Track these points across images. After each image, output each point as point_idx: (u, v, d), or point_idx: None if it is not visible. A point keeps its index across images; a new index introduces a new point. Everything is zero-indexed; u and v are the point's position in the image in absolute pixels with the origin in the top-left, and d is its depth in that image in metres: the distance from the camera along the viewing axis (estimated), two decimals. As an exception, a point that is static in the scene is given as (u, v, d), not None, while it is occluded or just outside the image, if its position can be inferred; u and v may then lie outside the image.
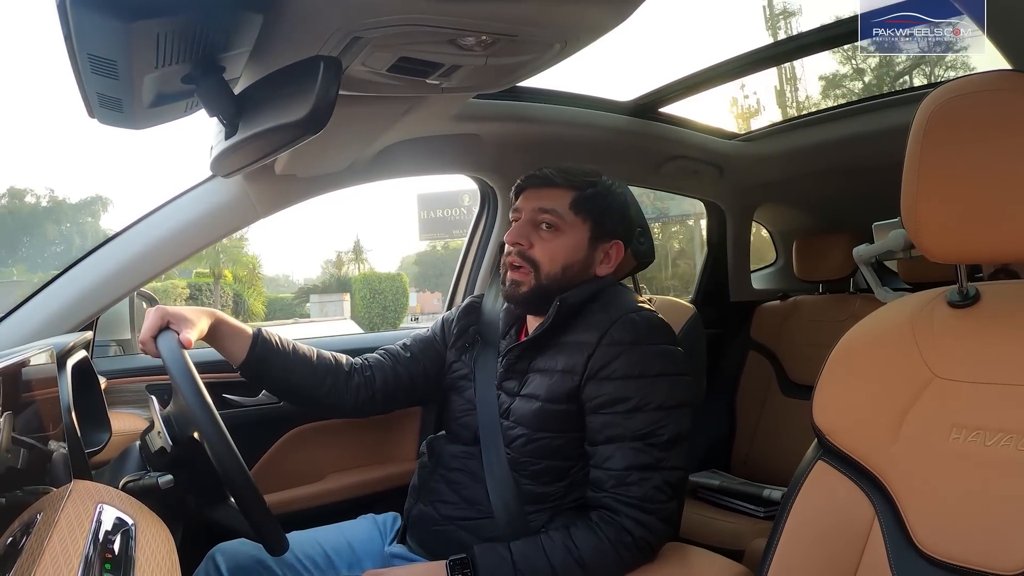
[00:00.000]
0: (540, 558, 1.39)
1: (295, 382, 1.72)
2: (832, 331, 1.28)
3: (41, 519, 0.88)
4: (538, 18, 1.27)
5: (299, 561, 1.63)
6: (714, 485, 2.83)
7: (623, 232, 1.68)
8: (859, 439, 1.12)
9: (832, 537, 1.11)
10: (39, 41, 68.13)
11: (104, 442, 1.56)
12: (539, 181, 1.64)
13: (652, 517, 1.40)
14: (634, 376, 1.46)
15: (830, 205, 3.54)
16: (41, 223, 32.67)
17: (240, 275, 32.19)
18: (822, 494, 1.14)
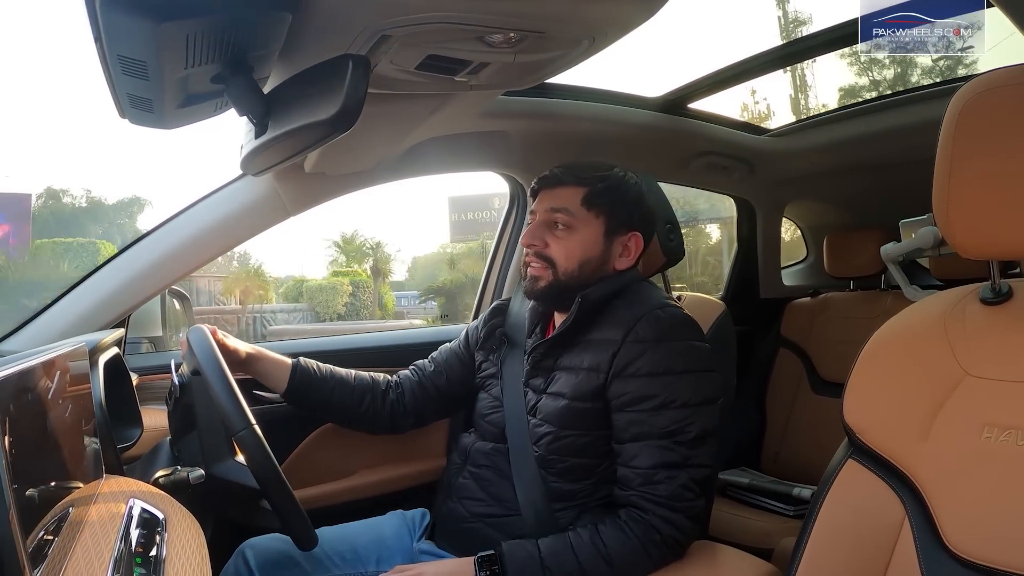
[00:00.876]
0: (568, 555, 1.39)
1: (335, 405, 1.81)
2: (863, 328, 1.27)
3: (73, 513, 0.89)
4: (566, 14, 1.27)
5: (328, 556, 1.64)
6: (743, 483, 2.82)
7: (640, 223, 1.66)
8: (890, 437, 1.10)
9: (862, 536, 1.09)
10: (69, 41, 68.39)
11: (136, 438, 1.58)
12: (550, 181, 1.65)
13: (680, 515, 1.39)
14: (659, 373, 1.45)
15: (861, 201, 3.50)
16: (82, 223, 33.00)
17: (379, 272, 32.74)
18: (852, 493, 1.13)
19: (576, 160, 1.69)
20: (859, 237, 3.06)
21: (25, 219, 30.36)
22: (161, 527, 1.04)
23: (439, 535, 1.70)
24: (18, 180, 59.18)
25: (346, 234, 32.73)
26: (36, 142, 60.49)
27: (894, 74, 25.00)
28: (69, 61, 65.62)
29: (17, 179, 60.49)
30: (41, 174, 60.35)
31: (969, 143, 1.04)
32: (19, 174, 61.18)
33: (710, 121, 2.78)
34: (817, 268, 3.63)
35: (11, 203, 30.56)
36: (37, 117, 63.75)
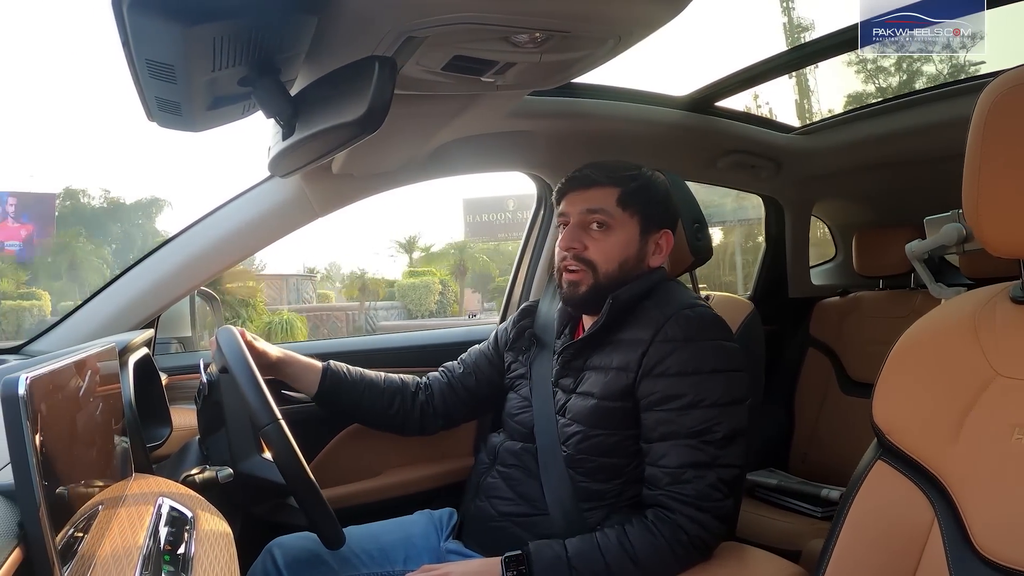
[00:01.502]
0: (595, 556, 1.38)
1: (365, 407, 1.84)
2: (893, 328, 1.26)
3: (102, 511, 0.90)
4: (592, 14, 1.26)
5: (355, 555, 1.65)
6: (772, 484, 2.80)
7: (670, 221, 1.67)
8: (919, 438, 1.09)
9: (890, 539, 1.08)
10: (89, 42, 69.22)
11: (165, 437, 1.59)
12: (583, 182, 1.64)
13: (707, 515, 1.39)
14: (688, 373, 1.45)
15: (890, 198, 3.46)
16: (103, 223, 33.38)
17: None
18: (881, 495, 1.12)
19: (602, 160, 1.68)
20: (888, 235, 3.03)
21: (50, 219, 31.07)
22: (189, 525, 1.05)
23: (467, 534, 1.71)
24: (41, 180, 59.75)
25: (409, 237, 32.97)
26: (56, 142, 61.06)
27: (899, 81, 24.84)
28: (90, 62, 66.26)
29: (41, 179, 61.03)
30: (60, 174, 61.03)
31: (998, 139, 1.02)
32: (41, 174, 61.85)
33: (737, 119, 2.77)
34: (846, 267, 3.60)
35: (36, 203, 31.22)
36: (58, 117, 64.34)
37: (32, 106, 62.57)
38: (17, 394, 0.69)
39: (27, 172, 66.79)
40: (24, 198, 31.41)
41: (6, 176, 61.98)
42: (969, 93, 2.45)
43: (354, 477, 2.24)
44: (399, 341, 2.58)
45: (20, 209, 30.86)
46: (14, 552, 0.68)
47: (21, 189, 33.10)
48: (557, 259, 1.65)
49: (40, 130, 62.20)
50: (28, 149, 57.53)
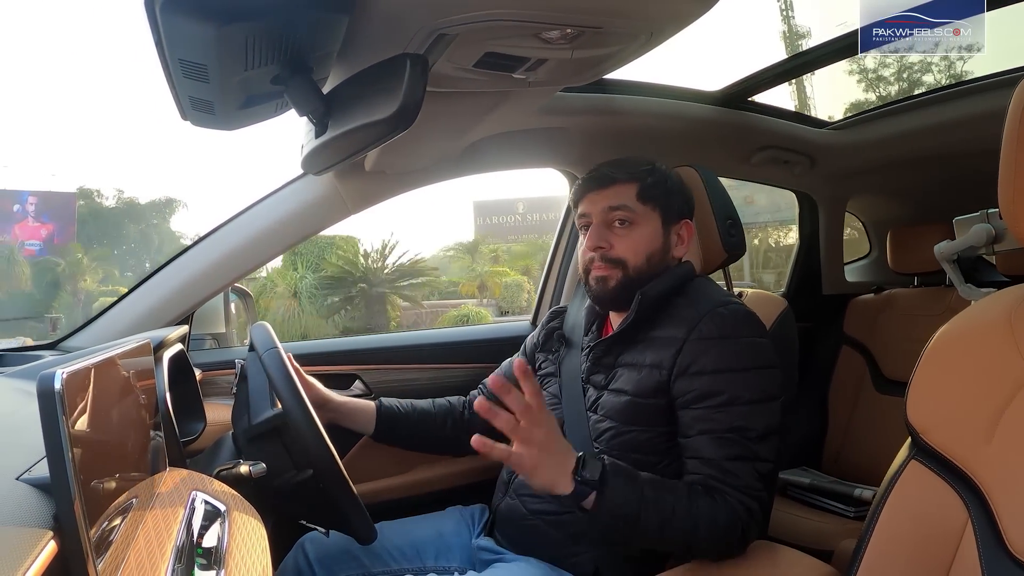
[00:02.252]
0: (666, 499, 1.32)
1: (421, 435, 1.89)
2: (927, 325, 1.23)
3: (136, 504, 0.92)
4: (623, 9, 1.26)
5: (386, 551, 1.66)
6: (804, 483, 2.77)
7: (688, 211, 1.68)
8: (953, 438, 1.07)
9: (924, 540, 1.07)
10: (106, 42, 69.74)
11: (199, 432, 1.61)
12: (601, 181, 1.64)
13: (756, 504, 1.37)
14: (723, 370, 1.44)
15: (925, 194, 3.42)
16: (120, 223, 33.53)
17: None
18: (914, 495, 1.10)
19: (615, 159, 1.68)
20: (923, 232, 2.98)
21: (70, 219, 31.06)
22: (222, 519, 1.06)
23: (498, 531, 1.71)
24: (63, 179, 60.10)
25: (468, 240, 33.06)
26: (76, 140, 61.41)
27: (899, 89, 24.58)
28: (109, 60, 66.51)
29: (63, 178, 61.33)
30: (79, 173, 61.39)
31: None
32: (63, 173, 62.22)
33: (770, 115, 2.75)
34: (880, 264, 3.57)
35: (57, 202, 31.30)
36: (79, 115, 64.72)
37: (53, 104, 63.02)
38: (53, 389, 0.70)
39: (49, 171, 66.92)
40: (45, 197, 31.57)
41: (28, 174, 62.24)
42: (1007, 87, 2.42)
43: (386, 473, 2.25)
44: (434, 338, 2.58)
45: (41, 208, 31.00)
46: (49, 544, 0.69)
47: (41, 188, 33.47)
48: (583, 261, 1.64)
49: (62, 128, 62.69)
50: (49, 148, 57.99)
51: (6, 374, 1.53)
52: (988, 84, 2.54)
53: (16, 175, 56.23)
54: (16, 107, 59.66)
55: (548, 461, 1.23)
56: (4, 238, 29.56)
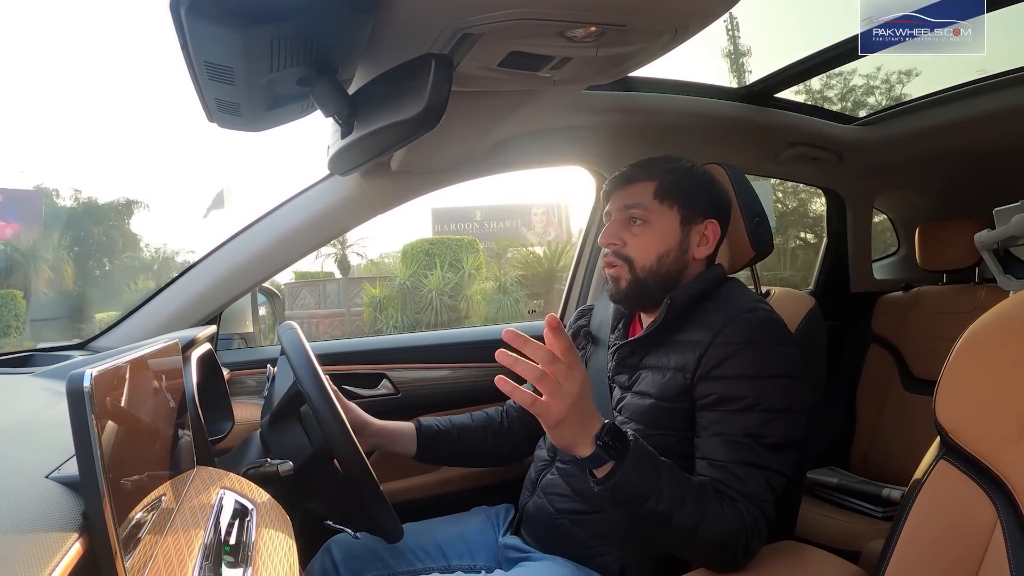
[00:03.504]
0: (679, 483, 1.31)
1: (464, 451, 1.87)
2: (957, 323, 1.21)
3: (165, 502, 0.92)
4: (648, 7, 1.25)
5: (412, 551, 1.66)
6: (832, 483, 2.76)
7: (715, 211, 1.64)
8: (983, 438, 1.06)
9: (952, 540, 1.06)
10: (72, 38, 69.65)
11: (227, 431, 1.63)
12: (622, 180, 1.64)
13: (760, 514, 1.34)
14: (747, 376, 1.42)
15: (954, 190, 3.38)
16: (83, 224, 32.85)
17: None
18: (943, 495, 1.09)
19: (648, 157, 1.67)
20: (952, 228, 2.96)
21: (36, 218, 30.11)
22: (250, 517, 1.07)
23: (525, 530, 1.71)
24: (33, 176, 59.18)
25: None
26: (44, 138, 61.07)
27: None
28: (52, 54, 66.17)
29: (32, 175, 60.59)
30: (46, 171, 60.64)
31: None
32: (32, 170, 61.44)
33: (796, 111, 2.73)
34: (909, 261, 3.53)
35: (22, 201, 30.20)
36: (48, 111, 64.49)
37: (19, 99, 62.88)
38: (82, 388, 0.71)
39: (16, 168, 66.31)
40: (9, 195, 30.12)
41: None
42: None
43: (412, 472, 2.26)
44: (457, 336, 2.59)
45: (5, 208, 29.49)
46: (78, 542, 0.70)
47: (5, 186, 32.10)
48: (602, 256, 1.64)
49: (30, 125, 62.36)
50: (17, 143, 57.53)
51: (36, 374, 1.55)
52: (1017, 78, 2.51)
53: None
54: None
55: (574, 418, 1.21)
56: (-35, 238, 28.28)
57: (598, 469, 1.25)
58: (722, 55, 25.43)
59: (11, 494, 0.76)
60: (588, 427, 1.23)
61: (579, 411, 1.21)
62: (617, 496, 1.26)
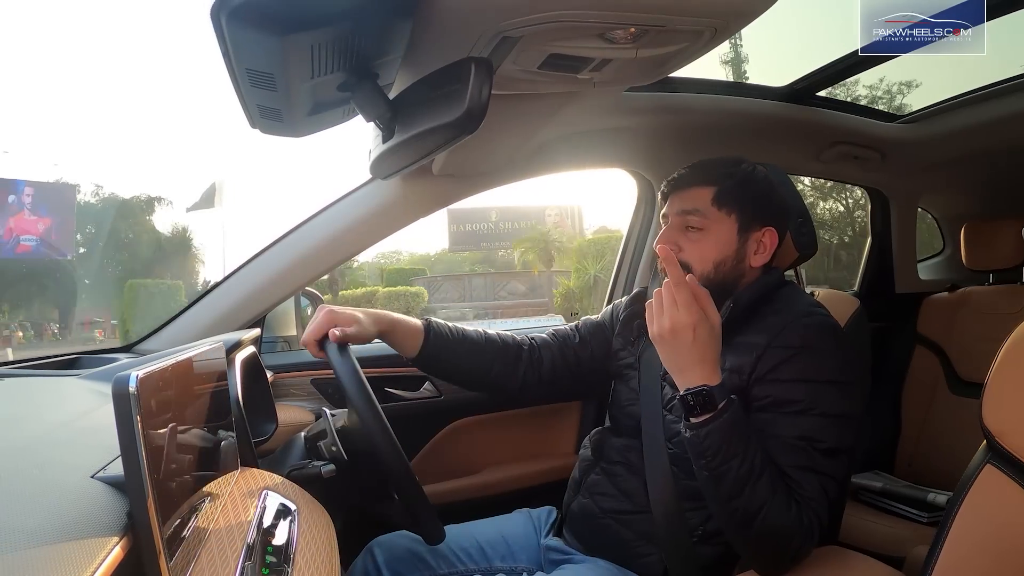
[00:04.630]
0: (760, 463, 1.30)
1: (465, 368, 1.78)
2: (1004, 324, 1.19)
3: (209, 503, 0.94)
4: (687, 6, 1.24)
5: (453, 553, 1.66)
6: (876, 487, 2.71)
7: (773, 218, 1.61)
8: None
9: (999, 547, 1.03)
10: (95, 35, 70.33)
11: (271, 432, 1.64)
12: (680, 183, 1.62)
13: (816, 521, 1.32)
14: (803, 380, 1.40)
15: (1001, 188, 3.32)
16: (106, 220, 32.57)
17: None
18: (989, 501, 1.07)
19: (704, 158, 1.65)
20: (998, 226, 2.91)
21: (70, 212, 29.57)
22: (293, 518, 1.08)
23: (568, 531, 1.71)
24: (65, 169, 59.11)
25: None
26: (73, 129, 61.22)
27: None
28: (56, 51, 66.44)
29: (65, 168, 60.68)
30: (82, 165, 60.59)
31: None
32: (66, 163, 61.62)
33: (838, 109, 2.69)
34: (954, 261, 3.48)
35: (55, 194, 29.54)
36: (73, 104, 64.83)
37: (60, 89, 63.38)
38: (128, 391, 0.72)
39: (52, 160, 66.22)
40: (42, 188, 29.22)
41: (29, 163, 61.25)
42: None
43: (455, 474, 2.27)
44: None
45: (38, 200, 28.59)
46: (122, 541, 0.71)
47: (39, 178, 31.34)
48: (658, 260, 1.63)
49: (69, 115, 62.72)
50: (54, 136, 57.71)
51: (83, 376, 1.58)
52: None
53: (16, 162, 55.14)
54: (19, 89, 59.82)
55: (675, 346, 1.31)
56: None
57: (696, 415, 1.29)
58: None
59: (57, 492, 0.78)
60: (705, 361, 1.30)
61: (680, 343, 1.30)
62: (708, 443, 1.27)
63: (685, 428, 1.30)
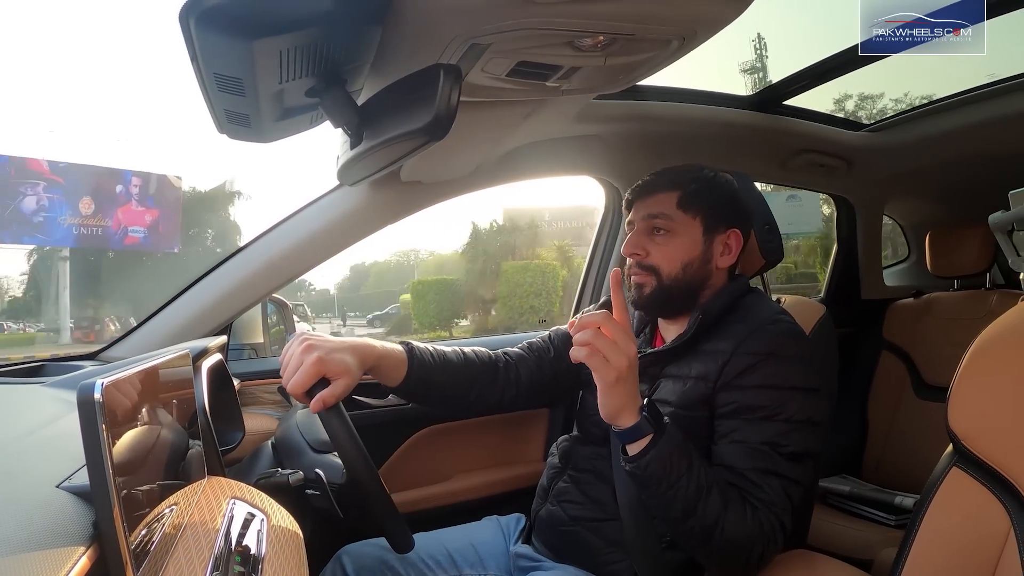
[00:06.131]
0: (708, 479, 1.31)
1: (448, 394, 1.72)
2: (969, 329, 1.21)
3: (175, 512, 0.93)
4: (655, 15, 1.25)
5: (423, 561, 1.66)
6: (844, 491, 2.75)
7: (737, 220, 1.65)
8: (995, 444, 1.05)
9: (966, 548, 1.05)
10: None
11: (238, 441, 1.62)
12: (645, 190, 1.65)
13: (779, 525, 1.34)
14: (767, 386, 1.42)
15: (964, 195, 3.39)
16: (197, 212, 32.10)
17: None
18: (956, 502, 1.08)
19: (672, 164, 1.68)
20: (963, 234, 2.98)
21: (176, 204, 28.48)
22: (261, 527, 1.07)
23: (537, 538, 1.71)
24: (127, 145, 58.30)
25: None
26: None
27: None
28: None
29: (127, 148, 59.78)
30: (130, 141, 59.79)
31: None
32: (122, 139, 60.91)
33: (805, 118, 2.73)
34: (920, 267, 3.54)
35: (161, 185, 28.16)
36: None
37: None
38: (93, 398, 0.71)
39: (113, 136, 65.08)
40: (149, 179, 27.72)
41: (141, 152, 60.01)
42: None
43: (423, 482, 2.26)
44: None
45: (145, 191, 27.31)
46: (88, 551, 0.70)
47: (145, 168, 29.66)
48: (627, 266, 1.64)
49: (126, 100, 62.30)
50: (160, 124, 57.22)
51: (47, 383, 1.55)
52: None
53: (131, 151, 55.13)
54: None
55: (627, 385, 1.27)
56: (106, 222, 26.38)
57: (632, 445, 1.28)
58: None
59: (22, 502, 0.77)
60: (634, 398, 1.28)
61: (629, 380, 1.26)
62: (650, 472, 1.27)
63: (624, 462, 1.31)
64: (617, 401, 1.27)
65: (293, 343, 1.42)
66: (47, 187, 24.97)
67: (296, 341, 1.41)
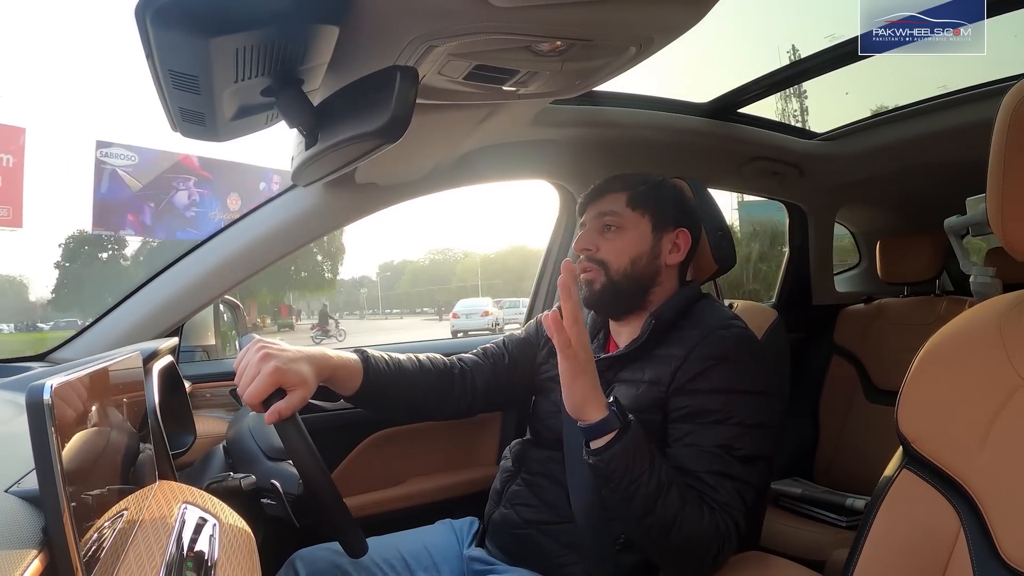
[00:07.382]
0: (668, 478, 1.32)
1: (403, 404, 1.72)
2: (918, 334, 1.23)
3: (126, 517, 0.91)
4: (612, 22, 1.26)
5: (376, 565, 1.65)
6: (796, 493, 2.79)
7: (686, 220, 1.68)
8: (945, 447, 1.07)
9: (916, 549, 1.07)
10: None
11: (189, 444, 1.60)
12: (597, 192, 1.69)
13: (733, 526, 1.36)
14: (720, 391, 1.44)
15: (914, 204, 3.47)
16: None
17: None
18: (906, 504, 1.10)
19: (627, 170, 1.72)
20: (913, 241, 3.03)
21: (255, 193, 28.41)
22: (213, 532, 1.06)
23: (490, 541, 1.71)
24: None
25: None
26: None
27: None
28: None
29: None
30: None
31: (1022, 142, 1.01)
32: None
33: (759, 126, 2.77)
34: (870, 274, 3.60)
35: (244, 175, 28.78)
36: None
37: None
38: (42, 401, 0.70)
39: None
40: (229, 169, 28.50)
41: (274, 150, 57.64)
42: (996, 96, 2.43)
43: (376, 485, 2.25)
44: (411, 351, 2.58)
45: (232, 181, 28.17)
46: (38, 557, 0.69)
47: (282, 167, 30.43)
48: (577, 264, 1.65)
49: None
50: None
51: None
52: (977, 95, 2.56)
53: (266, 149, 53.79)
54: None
55: (590, 379, 1.29)
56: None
57: (596, 440, 1.30)
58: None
59: (-31, 508, 0.75)
60: (599, 392, 1.30)
61: (592, 372, 1.29)
62: (612, 467, 1.28)
63: (588, 456, 1.32)
64: (582, 393, 1.29)
65: (249, 349, 1.39)
66: (198, 183, 25.83)
67: (252, 348, 1.39)
